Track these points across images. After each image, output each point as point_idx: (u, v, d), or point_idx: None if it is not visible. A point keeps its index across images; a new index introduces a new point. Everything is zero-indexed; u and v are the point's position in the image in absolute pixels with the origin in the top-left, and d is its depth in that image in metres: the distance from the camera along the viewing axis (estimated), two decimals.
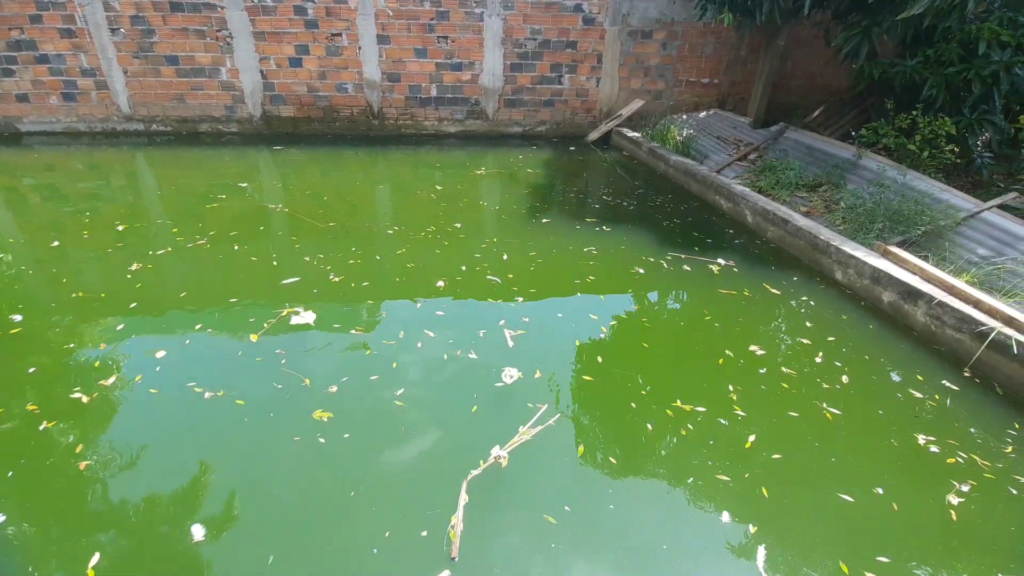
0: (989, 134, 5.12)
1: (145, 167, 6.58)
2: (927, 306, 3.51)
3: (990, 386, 3.07)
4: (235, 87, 7.50)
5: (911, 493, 2.33)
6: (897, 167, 5.02)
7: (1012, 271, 3.84)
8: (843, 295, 3.98)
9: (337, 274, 3.98)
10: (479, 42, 7.61)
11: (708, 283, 4.04)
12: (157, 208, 5.31)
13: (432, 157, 7.24)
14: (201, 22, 7.08)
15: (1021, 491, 2.38)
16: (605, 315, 3.55)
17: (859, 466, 2.46)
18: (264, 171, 6.56)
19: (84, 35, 6.99)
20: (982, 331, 3.18)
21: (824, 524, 2.18)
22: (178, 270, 4.06)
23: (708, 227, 5.12)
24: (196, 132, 7.70)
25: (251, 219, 4.97)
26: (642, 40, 7.82)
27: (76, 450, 2.39)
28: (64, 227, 4.75)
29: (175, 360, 3.01)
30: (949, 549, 2.12)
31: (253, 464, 2.35)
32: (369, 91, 7.73)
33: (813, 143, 6.05)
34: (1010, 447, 2.62)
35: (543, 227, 4.97)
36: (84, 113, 7.43)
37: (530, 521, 2.13)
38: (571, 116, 8.25)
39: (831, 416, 2.75)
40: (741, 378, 2.98)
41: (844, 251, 4.13)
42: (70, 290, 3.71)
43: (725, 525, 2.16)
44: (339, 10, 7.22)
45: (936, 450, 2.56)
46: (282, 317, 3.39)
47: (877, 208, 4.55)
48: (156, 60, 7.22)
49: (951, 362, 3.25)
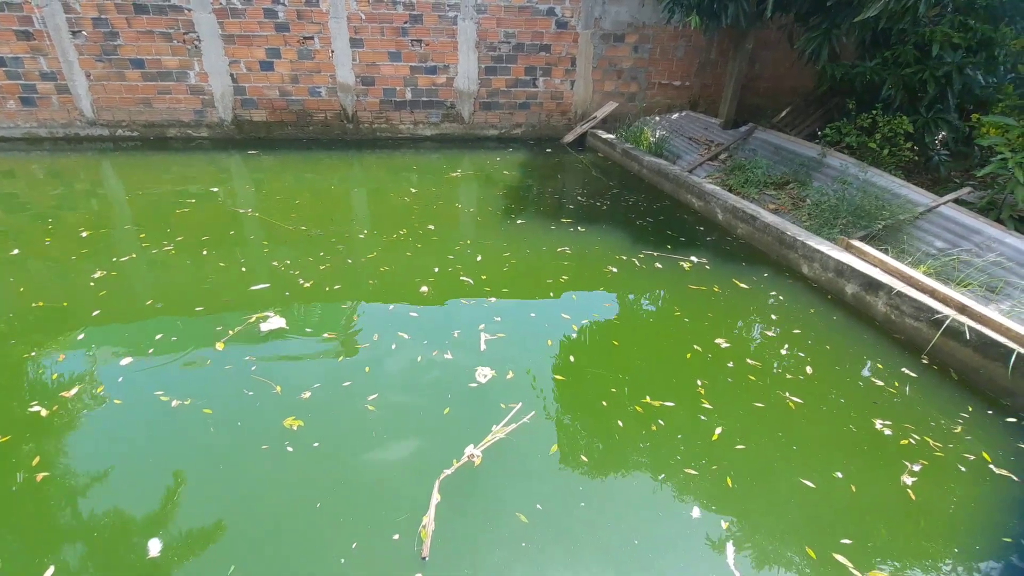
0: (944, 132, 5.34)
1: (111, 173, 6.41)
2: (887, 296, 3.64)
3: (946, 372, 3.19)
4: (204, 91, 7.36)
5: (868, 476, 2.41)
6: (859, 164, 5.20)
7: (966, 262, 4.01)
8: (809, 288, 4.10)
9: (309, 279, 3.93)
10: (453, 45, 7.62)
11: (679, 280, 4.11)
12: (124, 214, 5.18)
13: (407, 160, 7.22)
14: (167, 24, 6.94)
15: (970, 469, 2.49)
16: (577, 314, 3.59)
17: (820, 452, 2.54)
18: (235, 176, 6.45)
19: (43, 37, 6.78)
20: (937, 319, 3.31)
21: (789, 511, 2.25)
22: (144, 277, 3.96)
23: (680, 225, 5.21)
24: (164, 137, 7.53)
25: (221, 224, 4.88)
26: (614, 43, 7.94)
27: (33, 463, 2.31)
28: (25, 235, 4.59)
29: (140, 369, 2.94)
30: (906, 527, 2.20)
31: (219, 474, 2.30)
32: (343, 95, 7.67)
33: (780, 143, 6.21)
34: (959, 428, 2.73)
35: (517, 228, 4.99)
36: (44, 118, 7.20)
37: (502, 520, 2.13)
38: (546, 119, 8.32)
39: (794, 405, 2.82)
40: (709, 372, 3.04)
41: (809, 246, 4.25)
42: (30, 299, 3.59)
43: (695, 517, 2.19)
44: (310, 13, 7.15)
45: (891, 434, 2.66)
46: (252, 323, 3.34)
47: (840, 204, 4.70)
48: (120, 63, 7.04)
49: (910, 350, 3.37)
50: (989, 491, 2.38)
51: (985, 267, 3.94)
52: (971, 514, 2.27)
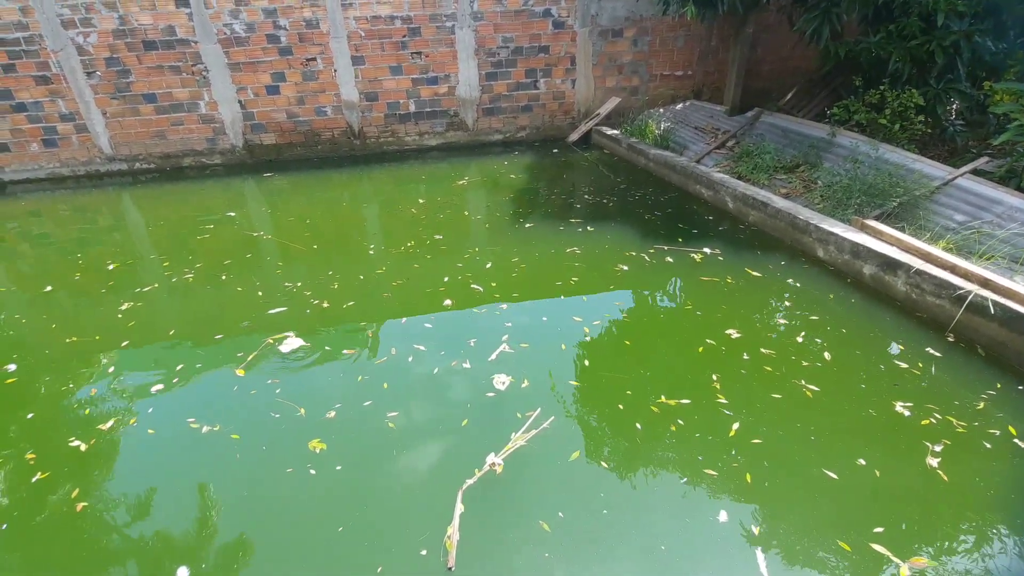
0: (957, 103, 5.19)
1: (131, 206, 6.64)
2: (906, 275, 3.57)
3: (973, 349, 3.12)
4: (215, 119, 7.57)
5: (892, 460, 2.37)
6: (870, 142, 5.09)
7: (988, 234, 3.90)
8: (826, 272, 4.04)
9: (324, 297, 4.02)
10: (453, 55, 7.69)
11: (691, 273, 4.09)
12: (146, 245, 5.36)
13: (415, 171, 7.31)
14: (176, 58, 7.16)
15: (995, 445, 2.43)
16: (589, 316, 3.59)
17: (840, 441, 2.50)
18: (250, 200, 6.62)
19: (60, 80, 7.06)
20: (960, 295, 3.23)
21: (814, 505, 2.21)
22: (169, 306, 4.10)
23: (690, 217, 5.18)
24: (180, 167, 7.77)
25: (238, 249, 5.02)
26: (613, 39, 7.91)
27: (72, 495, 2.42)
28: (55, 271, 4.79)
29: (170, 398, 3.04)
30: (938, 508, 2.16)
31: (247, 500, 2.36)
32: (348, 112, 7.81)
33: (788, 125, 6.12)
34: (982, 404, 2.66)
35: (526, 232, 5.02)
36: (66, 157, 7.49)
37: (526, 528, 2.14)
38: (550, 119, 8.33)
39: (811, 394, 2.78)
40: (724, 365, 3.01)
41: (823, 228, 4.19)
42: (64, 335, 3.75)
43: (721, 519, 2.16)
44: (311, 35, 7.30)
45: (911, 415, 2.60)
46: (274, 346, 3.43)
47: (853, 184, 4.62)
48: (134, 99, 7.29)
49: (934, 328, 3.30)
50: (1019, 465, 2.32)
51: (1008, 238, 3.83)
52: (1003, 490, 2.22)
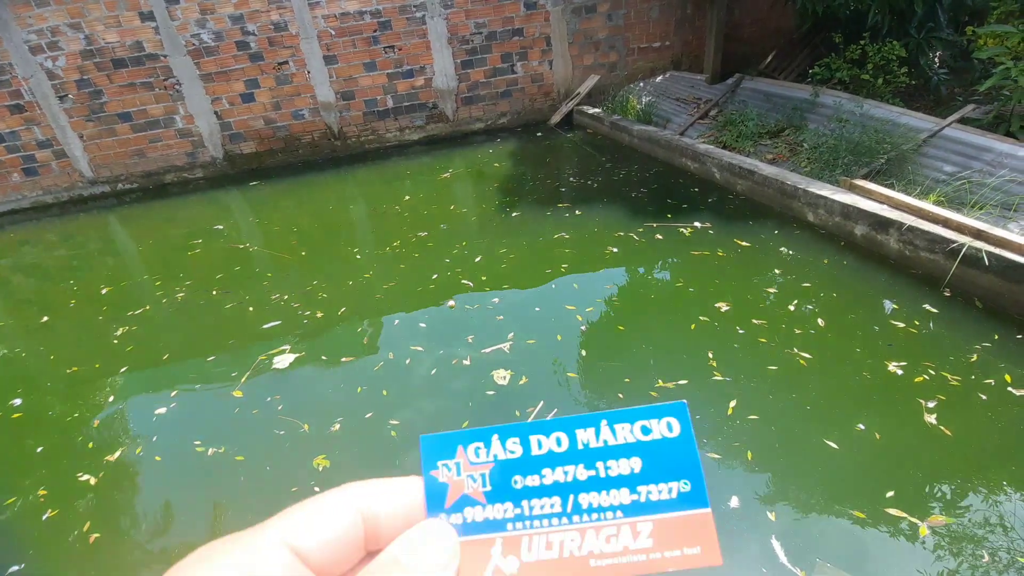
0: (940, 51, 5.11)
1: (119, 227, 6.59)
2: (898, 233, 3.55)
3: (970, 302, 3.11)
4: (192, 133, 7.47)
5: (890, 421, 2.38)
6: (853, 99, 5.02)
7: (979, 183, 3.87)
8: (817, 236, 4.01)
9: (316, 306, 4.00)
10: (426, 45, 7.56)
11: (681, 248, 4.06)
12: (137, 266, 5.34)
13: (399, 168, 7.24)
14: (147, 74, 7.04)
15: (990, 395, 2.43)
16: (582, 303, 3.57)
17: (836, 407, 2.50)
18: (235, 211, 6.57)
19: (34, 107, 6.95)
20: (953, 248, 3.22)
21: (820, 477, 2.20)
22: (164, 327, 4.09)
23: (678, 191, 5.13)
24: (162, 184, 7.69)
25: (228, 262, 4.99)
26: (587, 15, 7.77)
27: (85, 528, 2.44)
28: (51, 300, 4.78)
29: (174, 423, 3.04)
30: (945, 464, 2.17)
31: (256, 523, 2.36)
32: (326, 113, 7.70)
33: (770, 89, 6.04)
34: (975, 356, 2.66)
35: (513, 221, 4.98)
36: (48, 185, 7.42)
37: None
38: (530, 103, 8.22)
39: (804, 362, 2.78)
40: (718, 341, 3.01)
41: (812, 192, 4.15)
42: (64, 365, 3.75)
43: (731, 504, 2.13)
44: (281, 38, 7.17)
45: (908, 374, 2.60)
46: (271, 363, 3.42)
47: (839, 144, 4.56)
48: (109, 120, 7.18)
49: (930, 284, 3.29)
50: (1016, 413, 2.33)
51: (999, 185, 3.80)
52: (1004, 438, 2.23)
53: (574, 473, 0.34)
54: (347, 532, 0.32)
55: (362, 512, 0.32)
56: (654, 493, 0.33)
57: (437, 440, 0.35)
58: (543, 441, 0.34)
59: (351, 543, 0.32)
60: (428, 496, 0.34)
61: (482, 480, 0.34)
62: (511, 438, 0.34)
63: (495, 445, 0.34)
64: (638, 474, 0.33)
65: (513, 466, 0.34)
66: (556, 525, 0.33)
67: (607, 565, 0.32)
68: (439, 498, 0.34)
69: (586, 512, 0.33)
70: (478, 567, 0.32)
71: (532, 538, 0.33)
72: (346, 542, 0.32)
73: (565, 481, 0.33)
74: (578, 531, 0.33)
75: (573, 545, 0.32)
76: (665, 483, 0.33)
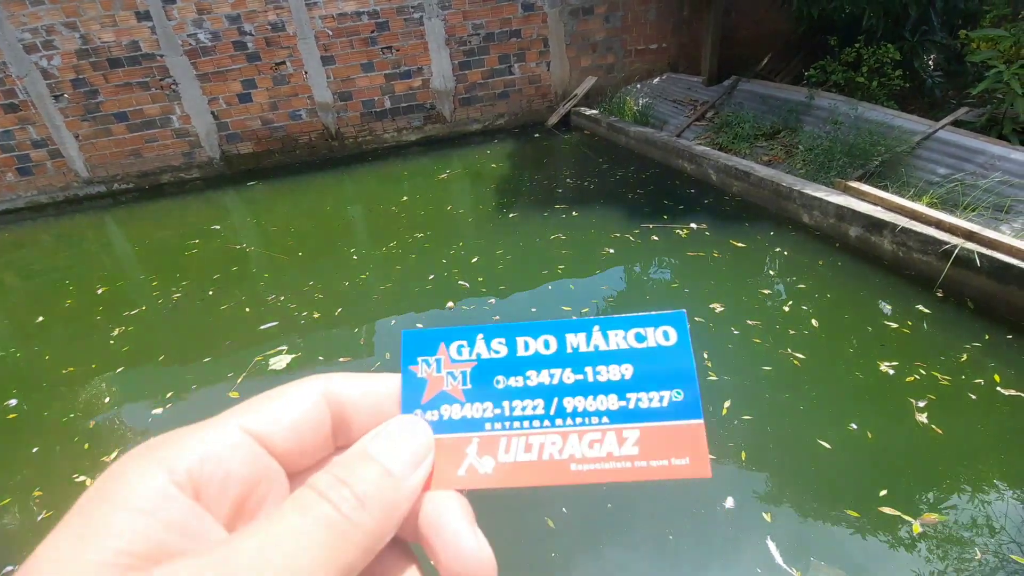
0: (934, 54, 5.16)
1: (115, 228, 6.57)
2: (892, 234, 3.57)
3: (963, 303, 3.14)
4: (189, 133, 7.46)
5: (882, 420, 2.40)
6: (848, 101, 5.06)
7: (972, 185, 3.90)
8: (812, 238, 4.04)
9: (312, 306, 4.00)
10: (423, 46, 7.57)
11: (677, 249, 4.08)
12: (133, 266, 5.33)
13: (396, 169, 7.24)
14: (143, 74, 7.02)
15: (979, 395, 2.46)
16: (577, 304, 3.58)
17: (829, 407, 2.52)
18: (233, 211, 6.56)
19: (28, 107, 6.92)
20: (946, 250, 3.25)
21: (813, 476, 2.22)
22: (160, 327, 4.08)
23: (674, 192, 5.16)
24: (159, 184, 7.67)
25: (225, 263, 4.99)
26: (584, 17, 7.79)
27: None
28: (46, 301, 4.76)
29: (169, 423, 3.03)
30: (934, 464, 2.19)
31: None
32: (323, 114, 7.70)
33: (766, 91, 6.07)
34: (965, 356, 2.69)
35: (510, 222, 4.99)
36: (43, 185, 7.39)
37: (531, 525, 2.15)
38: (528, 104, 8.23)
39: (798, 363, 2.79)
40: (713, 342, 3.02)
41: (807, 194, 4.18)
42: (60, 365, 3.73)
43: (726, 503, 2.14)
44: (278, 39, 7.16)
45: (900, 374, 2.62)
46: (267, 364, 3.42)
47: (834, 146, 4.60)
48: (105, 120, 7.16)
49: (923, 285, 3.32)
50: (1005, 412, 2.35)
51: (992, 187, 3.83)
52: (993, 437, 2.25)
53: (560, 376, 0.32)
54: (311, 419, 0.30)
55: (328, 400, 0.31)
56: (644, 401, 0.31)
57: (419, 336, 0.33)
58: (530, 343, 0.32)
59: (316, 431, 0.30)
60: (405, 391, 0.32)
61: (463, 378, 0.32)
62: (497, 338, 0.32)
63: (479, 344, 0.33)
64: (628, 381, 0.32)
65: (496, 366, 0.32)
66: (537, 427, 0.31)
67: (588, 470, 0.30)
68: (416, 394, 0.32)
69: (570, 416, 0.31)
70: (452, 465, 0.31)
71: (511, 439, 0.31)
72: (310, 430, 0.30)
73: (550, 384, 0.32)
74: (560, 434, 0.31)
75: (554, 448, 0.31)
76: (657, 391, 0.31)
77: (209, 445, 0.27)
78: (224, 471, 0.27)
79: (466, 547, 0.28)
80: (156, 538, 0.24)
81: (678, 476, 0.30)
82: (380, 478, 0.27)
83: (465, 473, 0.31)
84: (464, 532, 0.29)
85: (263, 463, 0.29)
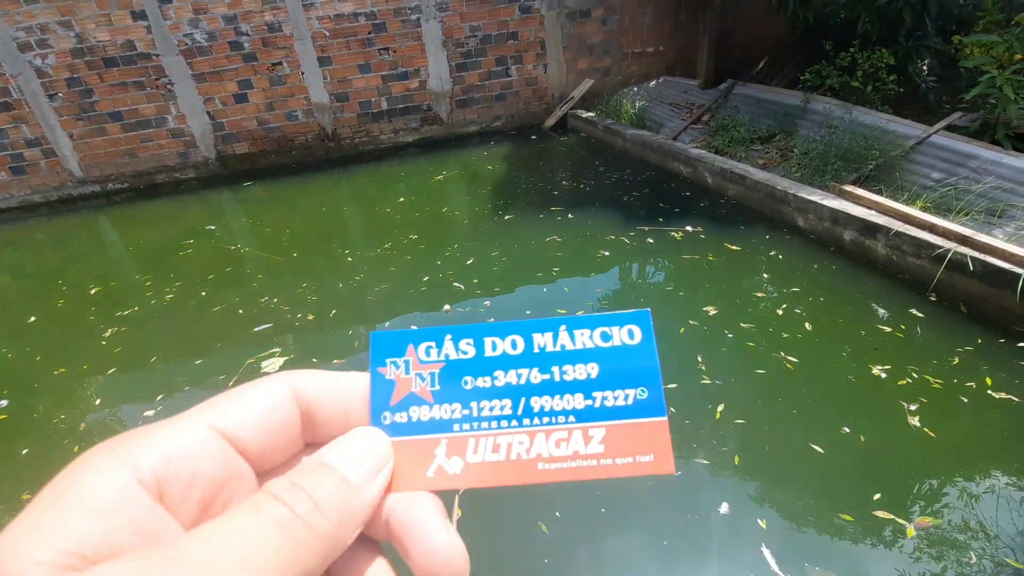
0: (928, 59, 5.19)
1: (109, 228, 6.53)
2: (886, 238, 3.59)
3: (956, 306, 3.15)
4: (184, 133, 7.43)
5: (874, 424, 2.40)
6: (843, 105, 5.09)
7: (965, 190, 3.93)
8: (807, 241, 4.05)
9: (307, 308, 3.98)
10: (421, 48, 7.57)
11: (672, 252, 4.09)
12: (127, 266, 5.29)
13: (393, 170, 7.23)
14: (138, 73, 6.99)
15: (971, 398, 2.47)
16: (573, 307, 3.58)
17: (821, 411, 2.52)
18: (228, 212, 6.53)
19: (22, 105, 6.88)
20: (939, 254, 3.26)
21: (806, 481, 2.22)
22: (153, 329, 4.05)
23: (670, 195, 5.17)
24: (153, 184, 7.63)
25: (220, 263, 4.96)
26: (581, 20, 7.81)
27: None
28: (38, 300, 4.72)
29: None
30: (927, 467, 2.20)
31: None
32: (319, 114, 7.68)
33: (761, 95, 6.10)
34: (956, 360, 2.70)
35: (506, 224, 4.99)
36: (37, 184, 7.34)
37: (524, 530, 2.14)
38: (525, 106, 8.24)
39: (791, 366, 2.79)
40: (707, 345, 3.02)
41: (802, 197, 4.19)
42: (52, 366, 3.70)
43: (720, 510, 2.13)
44: (275, 39, 7.15)
45: (892, 377, 2.63)
46: (260, 366, 3.41)
47: (829, 150, 4.62)
48: (100, 119, 7.13)
49: (917, 289, 3.33)
50: (996, 415, 2.36)
51: (985, 192, 3.86)
52: (985, 440, 2.26)
53: (528, 376, 0.32)
54: (280, 416, 0.30)
55: (297, 397, 0.30)
56: (609, 399, 0.32)
57: (387, 337, 0.33)
58: (498, 343, 0.33)
59: (286, 429, 0.30)
60: (374, 393, 0.32)
61: (431, 379, 0.32)
62: (465, 339, 0.33)
63: (447, 345, 0.33)
64: (594, 380, 0.32)
65: (464, 367, 0.32)
66: (505, 427, 0.31)
67: (555, 469, 0.31)
68: (385, 396, 0.32)
69: (537, 415, 0.32)
70: (421, 467, 0.31)
71: (479, 439, 0.31)
72: (280, 427, 0.30)
73: (518, 384, 0.32)
74: (527, 434, 0.31)
75: (521, 448, 0.31)
76: (622, 390, 0.32)
77: (176, 443, 0.27)
78: (191, 470, 0.26)
79: (438, 541, 0.28)
80: (108, 539, 0.23)
81: (643, 473, 0.30)
82: (337, 485, 0.27)
83: (434, 474, 0.31)
84: (435, 527, 0.29)
85: (231, 462, 0.28)
